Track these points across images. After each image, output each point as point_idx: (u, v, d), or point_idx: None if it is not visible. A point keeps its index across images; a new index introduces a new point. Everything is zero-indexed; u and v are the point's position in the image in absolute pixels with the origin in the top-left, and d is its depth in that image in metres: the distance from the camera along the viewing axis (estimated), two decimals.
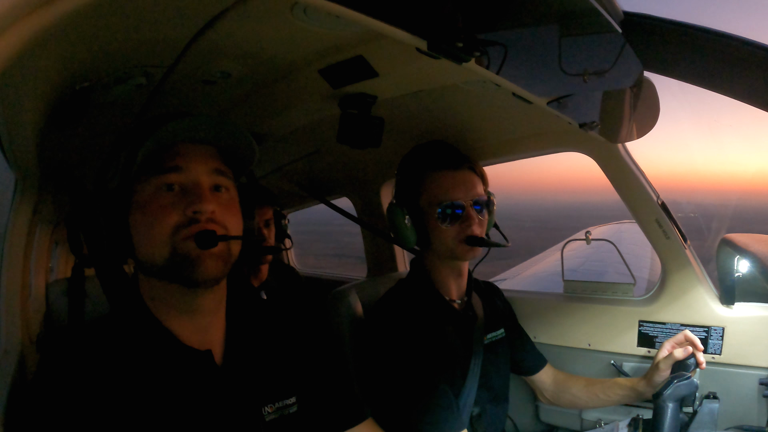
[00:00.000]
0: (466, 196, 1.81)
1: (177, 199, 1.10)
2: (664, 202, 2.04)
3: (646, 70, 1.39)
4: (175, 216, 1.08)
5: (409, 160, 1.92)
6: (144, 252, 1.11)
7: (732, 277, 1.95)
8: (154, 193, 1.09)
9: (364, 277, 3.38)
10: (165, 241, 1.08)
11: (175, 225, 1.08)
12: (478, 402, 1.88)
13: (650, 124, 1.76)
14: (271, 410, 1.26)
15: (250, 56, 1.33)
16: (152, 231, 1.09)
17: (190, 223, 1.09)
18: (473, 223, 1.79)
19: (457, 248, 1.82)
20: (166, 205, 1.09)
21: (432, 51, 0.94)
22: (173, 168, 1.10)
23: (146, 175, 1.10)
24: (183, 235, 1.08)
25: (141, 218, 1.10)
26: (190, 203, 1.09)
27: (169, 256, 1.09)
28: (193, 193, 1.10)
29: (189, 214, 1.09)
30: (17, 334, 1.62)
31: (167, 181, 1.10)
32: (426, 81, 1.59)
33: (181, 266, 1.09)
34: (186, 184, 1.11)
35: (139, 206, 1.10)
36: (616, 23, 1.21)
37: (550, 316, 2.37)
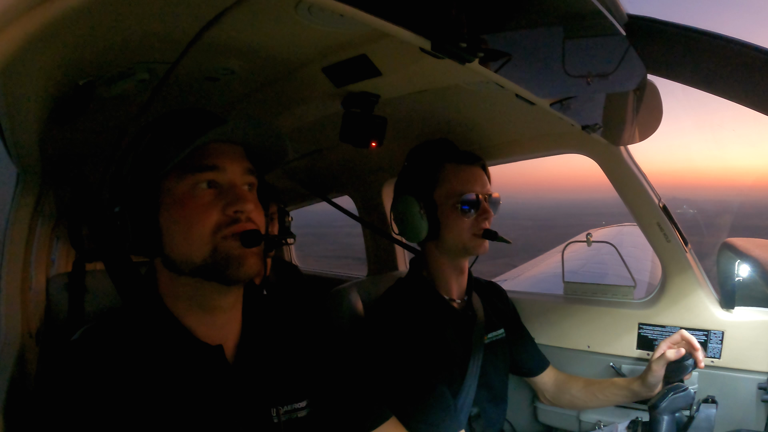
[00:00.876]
0: (482, 190, 1.85)
1: (215, 197, 1.11)
2: (666, 204, 2.04)
3: (650, 74, 1.38)
4: (215, 215, 1.09)
5: (423, 152, 1.93)
6: (180, 250, 1.11)
7: (732, 282, 1.95)
8: (191, 191, 1.10)
9: (364, 275, 3.38)
10: (206, 239, 1.09)
11: (217, 224, 1.09)
12: (477, 402, 1.88)
13: (653, 127, 1.76)
14: (281, 412, 1.25)
15: (254, 54, 1.33)
16: (192, 229, 1.09)
17: (231, 223, 1.10)
18: (489, 217, 1.84)
19: (470, 241, 1.84)
20: (206, 204, 1.10)
21: (436, 51, 0.94)
22: (211, 167, 1.11)
23: (178, 172, 1.10)
24: (224, 234, 1.09)
25: (178, 215, 1.10)
26: (230, 203, 1.10)
27: (210, 254, 1.09)
28: (232, 193, 1.11)
29: (230, 214, 1.10)
30: (17, 328, 1.62)
31: (205, 178, 1.10)
32: (429, 81, 1.58)
33: (223, 265, 1.10)
34: (221, 183, 1.12)
35: (174, 204, 1.10)
36: (621, 26, 1.20)
37: (550, 318, 2.37)
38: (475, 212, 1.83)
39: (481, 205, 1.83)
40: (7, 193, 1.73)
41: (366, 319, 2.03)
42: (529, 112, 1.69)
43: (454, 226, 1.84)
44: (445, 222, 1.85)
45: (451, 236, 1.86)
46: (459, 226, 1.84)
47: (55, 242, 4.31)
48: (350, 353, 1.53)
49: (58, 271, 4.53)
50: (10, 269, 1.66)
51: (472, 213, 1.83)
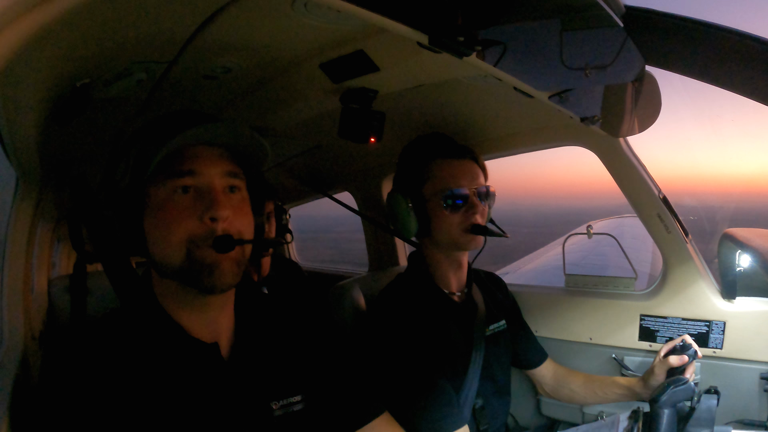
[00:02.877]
0: (470, 184, 1.82)
1: (191, 202, 1.11)
2: (666, 196, 2.04)
3: (648, 65, 1.38)
4: (190, 222, 1.10)
5: (413, 148, 1.93)
6: (159, 254, 1.12)
7: (733, 272, 1.95)
8: (169, 197, 1.10)
9: (366, 271, 3.38)
10: (181, 245, 1.09)
11: (191, 231, 1.09)
12: (480, 394, 1.88)
13: (652, 118, 1.76)
14: (276, 407, 1.26)
15: (251, 51, 1.32)
16: (168, 235, 1.09)
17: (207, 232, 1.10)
18: (477, 212, 1.80)
19: (460, 237, 1.82)
20: (181, 210, 1.10)
21: (433, 45, 0.94)
22: (187, 172, 1.11)
23: (160, 177, 1.10)
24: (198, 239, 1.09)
25: (156, 221, 1.11)
26: (206, 209, 1.09)
27: (185, 259, 1.10)
28: (208, 198, 1.11)
29: (206, 221, 1.09)
30: (20, 331, 1.62)
31: (181, 184, 1.10)
32: (427, 75, 1.58)
33: (197, 272, 1.10)
34: (200, 187, 1.12)
35: (154, 209, 1.11)
36: (618, 17, 1.20)
37: (552, 310, 2.37)
38: (463, 207, 1.81)
39: (469, 199, 1.81)
40: (7, 196, 1.72)
41: (367, 315, 2.03)
42: (528, 105, 1.69)
43: (443, 222, 1.83)
44: (434, 218, 1.85)
45: (441, 232, 1.86)
46: (447, 221, 1.83)
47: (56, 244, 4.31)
48: (346, 347, 1.54)
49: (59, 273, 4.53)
50: (12, 272, 1.66)
51: (459, 208, 1.81)
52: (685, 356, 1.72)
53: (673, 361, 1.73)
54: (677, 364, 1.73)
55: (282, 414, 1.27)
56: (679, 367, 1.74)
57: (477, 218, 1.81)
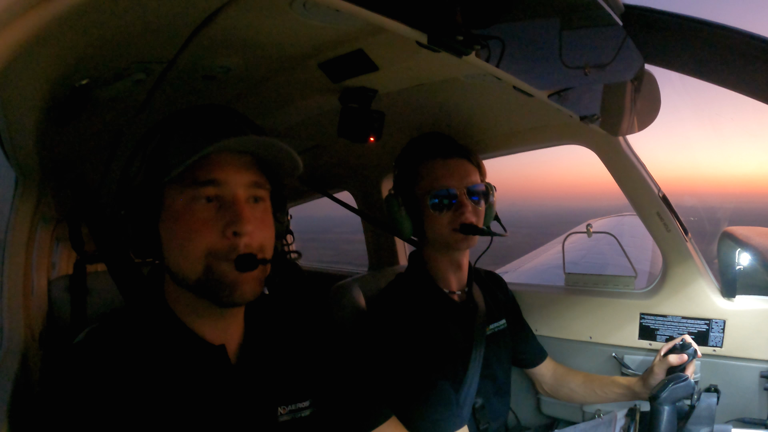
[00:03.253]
0: (459, 183, 1.81)
1: (213, 213, 1.07)
2: (665, 195, 2.04)
3: (647, 63, 1.38)
4: (212, 235, 1.06)
5: (405, 152, 1.93)
6: (175, 264, 1.09)
7: (733, 270, 1.95)
8: (189, 205, 1.06)
9: (365, 271, 3.38)
10: (200, 259, 1.05)
11: (212, 245, 1.05)
12: (480, 393, 1.88)
13: (651, 116, 1.76)
14: (284, 412, 1.25)
15: (250, 51, 1.32)
16: (187, 246, 1.06)
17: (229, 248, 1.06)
18: (466, 211, 1.79)
19: (451, 237, 1.82)
20: (202, 220, 1.06)
21: (432, 44, 0.94)
22: (210, 181, 1.06)
23: (180, 183, 1.06)
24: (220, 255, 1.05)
25: (175, 230, 1.07)
26: (229, 222, 1.05)
27: (203, 274, 1.06)
28: (232, 210, 1.06)
29: (228, 236, 1.05)
30: (20, 331, 1.62)
31: (204, 194, 1.06)
32: (426, 74, 1.58)
33: (215, 288, 1.07)
34: (223, 197, 1.08)
35: (172, 216, 1.07)
36: (617, 16, 1.20)
37: (552, 309, 2.37)
38: (451, 207, 1.81)
39: (458, 198, 1.80)
40: (7, 197, 1.72)
41: (367, 315, 2.03)
42: (527, 104, 1.68)
43: (434, 222, 1.83)
44: (426, 218, 1.85)
45: (432, 232, 1.86)
46: (437, 221, 1.82)
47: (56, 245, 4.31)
48: (352, 351, 1.52)
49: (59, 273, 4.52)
50: (12, 273, 1.66)
51: (447, 207, 1.81)
52: (685, 355, 1.73)
53: (673, 360, 1.74)
54: (677, 362, 1.73)
55: (289, 419, 1.25)
56: (679, 365, 1.74)
57: (467, 217, 1.79)
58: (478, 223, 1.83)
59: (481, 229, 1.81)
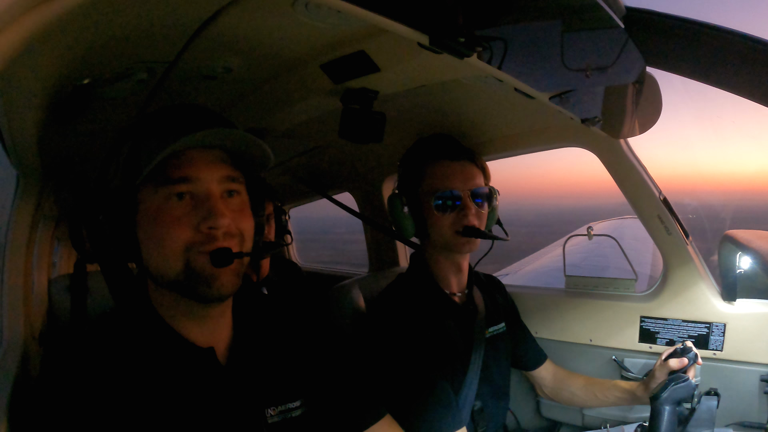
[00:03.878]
0: (464, 186, 1.81)
1: (188, 210, 1.07)
2: (666, 197, 2.04)
3: (649, 66, 1.38)
4: (188, 231, 1.05)
5: (411, 151, 1.94)
6: (154, 264, 1.09)
7: (734, 274, 1.95)
8: (164, 204, 1.06)
9: (366, 272, 3.38)
10: (178, 256, 1.05)
11: (189, 241, 1.05)
12: (479, 396, 1.88)
13: (652, 119, 1.76)
14: (274, 413, 1.24)
15: (252, 51, 1.32)
16: (164, 244, 1.05)
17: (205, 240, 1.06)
18: (470, 213, 1.79)
19: (453, 239, 1.82)
20: (178, 217, 1.06)
21: (434, 46, 0.94)
22: (182, 179, 1.06)
23: (153, 183, 1.06)
24: (197, 251, 1.05)
25: (151, 230, 1.07)
26: (204, 218, 1.05)
27: (183, 270, 1.06)
28: (206, 206, 1.07)
29: (204, 231, 1.06)
30: (20, 331, 1.62)
31: (177, 191, 1.06)
32: (428, 76, 1.58)
33: (195, 283, 1.07)
34: (197, 193, 1.08)
35: (148, 216, 1.07)
36: (619, 18, 1.20)
37: (552, 312, 2.37)
38: (456, 208, 1.81)
39: (462, 200, 1.81)
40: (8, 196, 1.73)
41: (367, 315, 2.03)
42: (528, 106, 1.68)
43: (436, 224, 1.84)
44: (428, 219, 1.85)
45: (435, 234, 1.87)
46: (440, 223, 1.83)
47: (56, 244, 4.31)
48: (346, 351, 1.52)
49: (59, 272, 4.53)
50: (12, 272, 1.66)
51: (451, 209, 1.81)
52: (685, 359, 1.72)
53: (674, 365, 1.74)
54: (678, 367, 1.74)
55: (279, 420, 1.25)
56: (680, 369, 1.74)
57: (470, 220, 1.79)
58: (481, 226, 1.83)
59: (483, 233, 1.81)
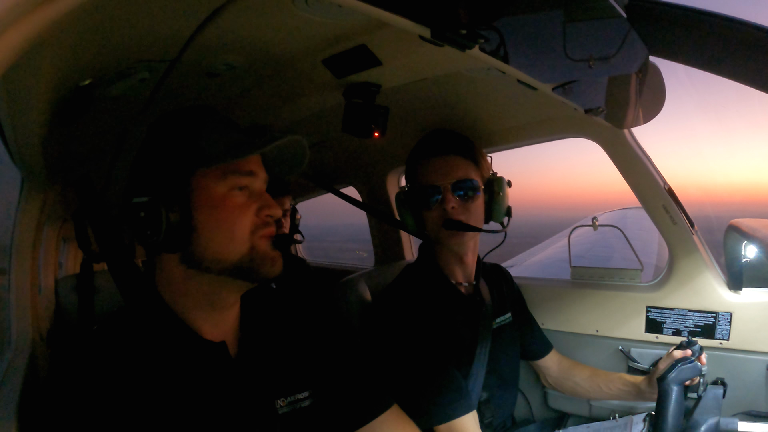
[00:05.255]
0: (444, 180, 1.82)
1: (247, 200, 1.16)
2: (671, 187, 2.03)
3: (652, 55, 1.37)
4: (252, 216, 1.15)
5: (412, 150, 1.95)
6: (216, 249, 1.13)
7: (740, 263, 1.94)
8: (228, 193, 1.14)
9: (372, 266, 3.39)
10: (246, 239, 1.14)
11: (253, 224, 1.15)
12: (486, 387, 1.89)
13: (656, 109, 1.75)
14: (284, 404, 1.27)
15: (254, 48, 1.32)
16: (233, 229, 1.13)
17: (264, 225, 1.17)
18: (449, 206, 1.80)
19: (440, 233, 1.85)
20: (242, 205, 1.15)
21: (436, 38, 0.94)
22: (249, 172, 1.16)
23: (220, 173, 1.13)
24: (260, 235, 1.15)
25: (216, 215, 1.12)
26: (264, 207, 1.17)
27: (248, 253, 1.14)
28: (265, 198, 1.19)
29: (263, 217, 1.16)
30: (28, 331, 1.63)
31: (242, 183, 1.15)
32: (430, 69, 1.58)
33: (259, 264, 1.15)
34: (253, 187, 1.18)
35: (211, 204, 1.12)
36: (621, 8, 1.19)
37: (558, 303, 2.37)
38: (438, 203, 1.83)
39: (442, 194, 1.82)
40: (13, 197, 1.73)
41: (375, 306, 2.04)
42: (532, 98, 1.68)
43: (427, 219, 1.88)
44: (422, 215, 1.89)
45: (428, 229, 1.90)
46: (428, 218, 1.87)
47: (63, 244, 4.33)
48: (354, 341, 1.54)
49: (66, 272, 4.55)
50: (19, 273, 1.67)
51: (433, 204, 1.83)
52: (689, 350, 1.72)
53: (678, 355, 1.73)
54: (682, 357, 1.73)
55: (289, 411, 1.27)
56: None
57: (450, 213, 1.81)
58: (469, 219, 1.83)
59: (464, 225, 1.81)
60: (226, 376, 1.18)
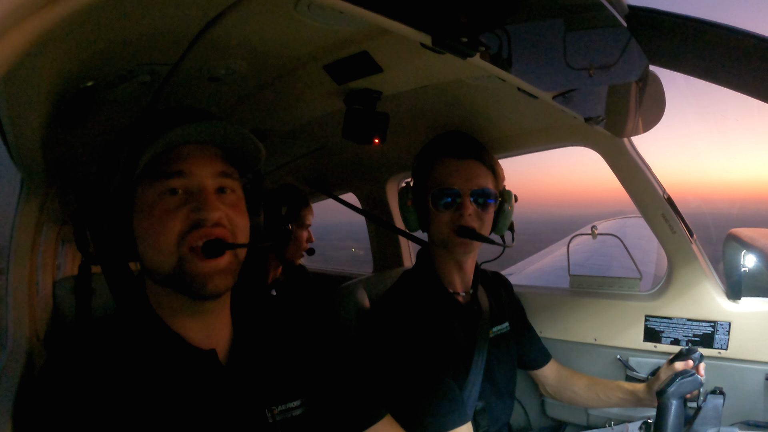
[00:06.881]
0: (465, 185, 1.80)
1: (181, 203, 1.08)
2: (670, 196, 2.03)
3: (652, 64, 1.38)
4: (179, 222, 1.06)
5: (426, 146, 1.94)
6: (150, 259, 1.09)
7: (738, 272, 1.94)
8: (158, 198, 1.07)
9: (370, 272, 3.38)
10: (172, 250, 1.06)
11: (180, 232, 1.06)
12: (482, 396, 1.87)
13: (656, 118, 1.75)
14: (275, 412, 1.24)
15: (255, 53, 1.33)
16: (158, 238, 1.06)
17: (194, 228, 1.06)
18: (466, 213, 1.78)
19: (449, 238, 1.82)
20: (170, 210, 1.06)
21: (436, 46, 0.94)
22: (177, 173, 1.08)
23: (149, 179, 1.07)
24: (189, 244, 1.06)
25: (146, 224, 1.08)
26: (195, 209, 1.06)
27: (177, 266, 1.07)
28: (198, 198, 1.08)
29: (194, 221, 1.06)
30: (25, 332, 1.63)
31: (171, 186, 1.07)
32: (431, 76, 1.58)
33: (188, 278, 1.07)
34: (190, 188, 1.09)
35: (143, 211, 1.08)
36: (621, 17, 1.20)
37: (557, 311, 2.37)
38: (453, 207, 1.80)
39: (461, 199, 1.80)
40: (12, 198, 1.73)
41: (371, 312, 2.03)
42: (532, 106, 1.68)
43: (435, 220, 1.84)
44: (429, 215, 1.86)
45: (434, 230, 1.87)
46: (438, 220, 1.83)
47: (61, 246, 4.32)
48: (348, 350, 1.53)
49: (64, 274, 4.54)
50: (17, 273, 1.67)
51: (448, 207, 1.81)
52: (690, 361, 1.72)
53: (679, 367, 1.73)
54: (683, 369, 1.73)
55: (281, 419, 1.25)
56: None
57: (465, 220, 1.78)
58: (481, 228, 1.82)
59: (478, 235, 1.79)
60: (215, 384, 1.16)
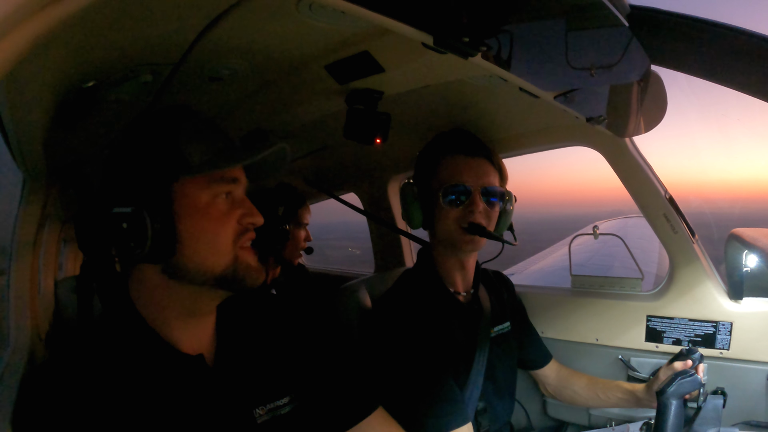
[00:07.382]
0: (476, 182, 1.80)
1: (230, 207, 1.14)
2: (672, 196, 2.03)
3: (653, 64, 1.38)
4: (233, 224, 1.13)
5: (430, 143, 1.93)
6: (199, 259, 1.10)
7: (740, 272, 1.94)
8: (212, 201, 1.12)
9: (372, 272, 3.38)
10: (229, 249, 1.12)
11: (236, 233, 1.13)
12: (483, 396, 1.87)
13: (657, 118, 1.75)
14: (263, 412, 1.24)
15: (257, 53, 1.33)
16: (217, 239, 1.11)
17: (244, 232, 1.15)
18: (476, 210, 1.78)
19: (457, 235, 1.81)
20: (225, 213, 1.13)
21: (438, 46, 0.94)
22: (234, 179, 1.15)
23: (203, 181, 1.11)
24: (241, 245, 1.14)
25: (202, 225, 1.10)
26: (246, 215, 1.15)
27: (231, 264, 1.12)
28: (247, 205, 1.17)
29: (244, 224, 1.14)
30: (27, 331, 1.63)
31: (227, 190, 1.14)
32: (432, 76, 1.58)
33: (242, 275, 1.14)
34: (236, 194, 1.16)
35: (195, 211, 1.09)
36: (623, 17, 1.20)
37: (558, 311, 2.36)
38: (462, 203, 1.79)
39: (471, 196, 1.79)
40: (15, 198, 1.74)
41: (372, 313, 2.03)
42: (533, 106, 1.68)
43: (442, 217, 1.82)
44: (436, 212, 1.84)
45: (440, 227, 1.85)
46: (446, 216, 1.81)
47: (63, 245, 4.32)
48: (339, 345, 1.54)
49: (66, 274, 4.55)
50: (19, 273, 1.67)
51: (457, 203, 1.79)
52: (689, 361, 1.71)
53: (678, 367, 1.73)
54: (682, 369, 1.73)
55: (269, 419, 1.25)
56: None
57: (476, 217, 1.78)
58: (489, 226, 1.81)
59: (488, 232, 1.79)
60: (203, 388, 1.16)
